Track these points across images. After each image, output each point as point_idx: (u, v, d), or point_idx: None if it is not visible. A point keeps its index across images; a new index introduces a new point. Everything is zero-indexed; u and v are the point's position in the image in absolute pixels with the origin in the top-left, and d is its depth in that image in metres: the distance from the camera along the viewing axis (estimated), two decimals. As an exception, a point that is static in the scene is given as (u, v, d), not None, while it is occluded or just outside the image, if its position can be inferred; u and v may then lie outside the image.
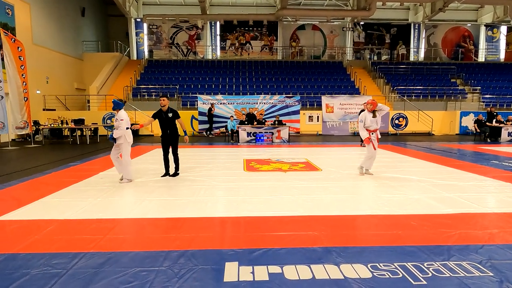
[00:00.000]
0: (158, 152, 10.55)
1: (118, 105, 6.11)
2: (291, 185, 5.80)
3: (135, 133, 17.38)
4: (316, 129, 18.38)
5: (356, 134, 18.02)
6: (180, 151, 11.04)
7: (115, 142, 6.08)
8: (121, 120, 5.99)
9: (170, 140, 6.65)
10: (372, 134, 6.57)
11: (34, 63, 15.94)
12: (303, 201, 4.79)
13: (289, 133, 14.14)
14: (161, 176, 6.56)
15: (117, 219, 3.99)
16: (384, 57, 27.07)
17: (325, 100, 18.25)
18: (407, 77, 23.37)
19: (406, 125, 18.76)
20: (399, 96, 20.61)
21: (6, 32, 12.54)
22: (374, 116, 6.49)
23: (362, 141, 11.49)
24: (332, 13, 23.48)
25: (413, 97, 20.79)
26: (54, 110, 17.64)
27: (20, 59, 12.51)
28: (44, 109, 17.32)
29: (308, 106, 19.69)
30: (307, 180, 6.25)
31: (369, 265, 2.79)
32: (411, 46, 26.92)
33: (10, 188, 5.56)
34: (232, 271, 2.70)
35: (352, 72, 23.63)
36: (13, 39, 12.43)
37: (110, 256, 2.96)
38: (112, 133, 6.06)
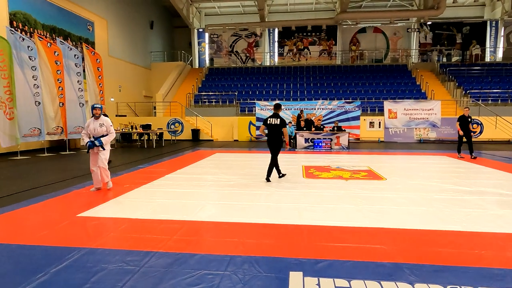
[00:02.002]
0: (218, 156, 10.89)
1: (101, 110, 5.83)
2: (354, 194, 5.56)
3: (196, 137, 18.17)
4: (377, 136, 17.55)
5: (422, 142, 16.84)
6: (239, 156, 11.26)
7: (104, 149, 5.71)
8: (110, 125, 5.77)
9: (271, 145, 6.82)
10: None
11: (109, 73, 17.51)
12: (368, 212, 4.55)
13: (348, 140, 13.66)
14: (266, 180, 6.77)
15: (182, 220, 4.15)
16: (454, 59, 25.05)
17: (388, 105, 17.34)
18: (482, 79, 21.32)
19: (481, 132, 17.06)
20: (472, 101, 18.84)
21: (88, 46, 13.95)
22: None
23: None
24: (396, 14, 22.38)
25: (490, 101, 18.87)
26: (125, 116, 19.17)
27: (98, 70, 13.82)
28: (116, 115, 18.91)
29: (369, 112, 18.91)
30: (371, 190, 5.95)
31: (448, 287, 2.53)
32: (487, 45, 24.55)
33: (88, 188, 6.10)
34: (297, 281, 2.63)
35: (418, 75, 22.20)
36: (93, 52, 13.79)
37: (178, 257, 3.07)
38: (96, 140, 5.60)
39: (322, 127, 14.63)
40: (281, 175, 7.05)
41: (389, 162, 9.78)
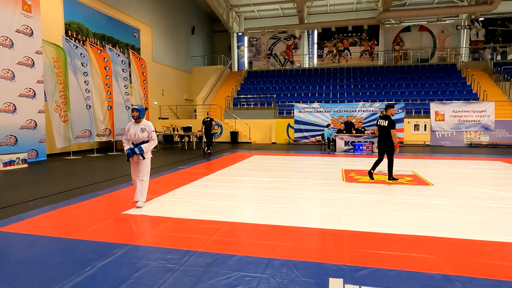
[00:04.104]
0: (256, 158, 10.93)
1: (143, 113, 5.06)
2: (397, 200, 5.30)
3: (234, 139, 18.38)
4: (422, 139, 16.67)
5: (473, 146, 15.74)
6: (277, 158, 11.21)
7: (144, 158, 4.95)
8: (153, 131, 5.04)
9: (380, 147, 6.99)
10: None
11: (153, 78, 18.29)
12: (413, 219, 4.30)
13: (391, 143, 13.09)
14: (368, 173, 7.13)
15: (221, 221, 4.20)
16: (510, 56, 23.18)
17: (435, 107, 16.43)
18: (544, 78, 19.52)
19: (542, 136, 15.58)
20: (531, 102, 17.31)
21: (134, 52, 14.67)
22: None
23: None
24: (444, 11, 21.21)
25: (552, 102, 17.22)
26: (167, 118, 19.89)
27: (143, 74, 14.48)
28: (159, 118, 19.69)
29: (413, 114, 18.03)
30: (416, 196, 5.64)
31: (506, 304, 2.31)
32: (549, 41, 22.46)
33: (132, 187, 6.36)
34: (336, 288, 2.54)
35: (469, 75, 20.82)
36: (138, 58, 14.48)
37: (217, 257, 3.10)
38: (136, 147, 4.87)
39: (363, 130, 14.18)
40: (392, 178, 6.96)
41: (436, 167, 9.23)
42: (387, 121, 6.80)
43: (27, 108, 10.12)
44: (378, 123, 6.99)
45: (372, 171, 7.05)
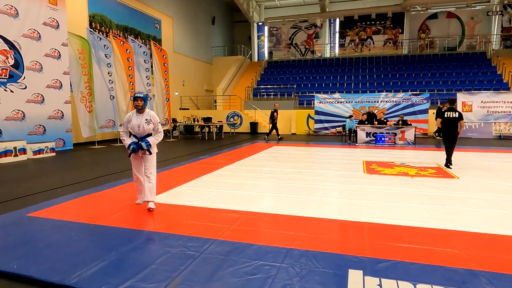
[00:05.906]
0: (276, 149, 10.91)
1: (147, 101, 4.42)
2: (420, 193, 5.18)
3: (254, 130, 18.39)
4: (448, 131, 16.11)
5: (503, 138, 15.10)
6: (297, 149, 11.15)
7: (150, 153, 4.38)
8: (158, 122, 4.47)
9: (451, 137, 7.36)
10: None
11: (174, 69, 18.46)
12: (436, 212, 4.20)
13: (415, 134, 12.76)
14: (445, 165, 7.47)
15: (240, 211, 4.23)
16: (546, 44, 21.92)
17: (462, 97, 15.81)
18: None
19: None
20: None
21: (155, 43, 14.83)
22: None
23: None
24: (474, -4, 20.18)
25: None
26: (188, 109, 20.11)
27: (164, 65, 14.64)
28: (180, 108, 19.93)
29: (439, 105, 17.41)
30: (440, 188, 5.48)
31: (535, 301, 2.23)
32: None
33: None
34: (356, 280, 2.52)
35: (500, 63, 19.85)
36: (159, 49, 14.63)
37: (236, 246, 3.13)
38: (142, 141, 4.28)
39: (385, 121, 13.85)
40: (448, 164, 7.42)
41: (462, 159, 8.91)
42: (457, 113, 7.20)
43: (54, 99, 10.47)
44: (446, 115, 7.31)
45: (449, 164, 7.43)
